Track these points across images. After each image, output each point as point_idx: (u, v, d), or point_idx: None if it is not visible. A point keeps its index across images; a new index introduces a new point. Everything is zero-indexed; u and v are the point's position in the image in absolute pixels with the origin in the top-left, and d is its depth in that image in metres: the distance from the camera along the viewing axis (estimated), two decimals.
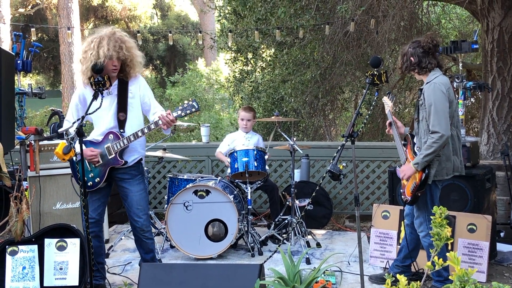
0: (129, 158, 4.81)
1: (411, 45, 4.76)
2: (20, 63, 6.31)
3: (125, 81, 4.81)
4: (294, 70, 10.36)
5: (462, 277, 2.56)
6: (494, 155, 7.44)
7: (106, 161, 4.75)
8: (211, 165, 8.00)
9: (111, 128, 4.78)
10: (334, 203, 7.58)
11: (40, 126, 6.09)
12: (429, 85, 4.58)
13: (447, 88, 4.58)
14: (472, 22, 11.91)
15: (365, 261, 5.67)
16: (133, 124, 4.81)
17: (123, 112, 4.78)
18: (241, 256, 6.17)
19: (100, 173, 4.77)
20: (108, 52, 4.55)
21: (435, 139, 4.43)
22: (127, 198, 4.88)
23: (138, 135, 4.70)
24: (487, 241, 5.17)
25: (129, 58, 4.69)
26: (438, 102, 4.48)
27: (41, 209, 6.06)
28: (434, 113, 4.47)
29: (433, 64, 4.69)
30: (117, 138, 4.74)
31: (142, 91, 4.90)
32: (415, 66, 4.71)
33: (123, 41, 4.68)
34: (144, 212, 4.90)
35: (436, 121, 4.45)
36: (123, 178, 4.85)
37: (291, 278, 3.57)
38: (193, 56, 25.04)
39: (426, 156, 4.46)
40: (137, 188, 4.88)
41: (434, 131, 4.44)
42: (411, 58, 4.71)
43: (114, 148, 4.72)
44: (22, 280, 4.65)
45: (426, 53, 4.68)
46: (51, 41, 22.95)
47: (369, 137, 11.32)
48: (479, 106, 10.59)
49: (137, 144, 4.84)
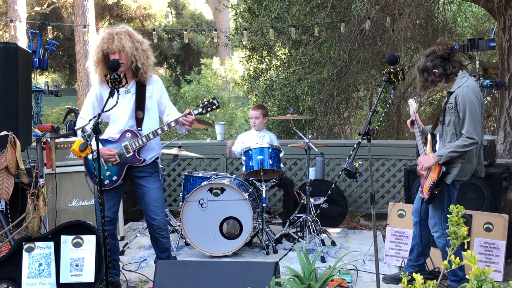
0: (147, 156, 4.83)
1: (427, 59, 4.66)
2: (36, 61, 6.35)
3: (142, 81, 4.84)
4: (310, 69, 10.33)
5: (479, 276, 2.54)
6: (511, 153, 7.37)
7: (124, 159, 4.77)
8: (225, 163, 8.01)
9: (128, 126, 4.80)
10: (349, 201, 7.56)
11: (56, 124, 6.12)
12: (462, 89, 4.50)
13: (479, 91, 4.54)
14: (489, 20, 11.81)
15: (381, 260, 5.64)
16: (150, 123, 4.83)
17: (141, 111, 4.79)
18: (256, 254, 6.17)
19: (118, 171, 4.79)
20: (111, 45, 4.61)
21: (469, 143, 4.41)
22: (144, 196, 4.90)
23: (158, 133, 4.72)
24: (503, 240, 5.13)
25: (138, 55, 4.71)
26: (473, 108, 4.44)
27: (57, 206, 6.11)
28: (470, 118, 4.43)
29: (457, 67, 4.62)
30: (135, 136, 4.76)
31: (160, 91, 4.93)
32: (442, 76, 4.64)
33: (130, 35, 4.72)
34: (161, 210, 4.92)
35: (472, 127, 4.41)
36: (140, 176, 4.86)
37: (307, 276, 3.56)
38: (207, 55, 25.04)
39: (453, 153, 4.44)
40: (155, 186, 4.90)
41: (470, 137, 4.40)
42: (435, 70, 4.62)
43: (132, 146, 4.74)
44: (39, 277, 4.68)
45: (447, 60, 4.61)
46: (66, 39, 23.07)
47: (384, 136, 11.28)
48: (495, 104, 10.50)
49: (154, 143, 4.86)
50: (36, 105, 6.32)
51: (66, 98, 16.55)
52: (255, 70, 12.41)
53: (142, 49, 4.73)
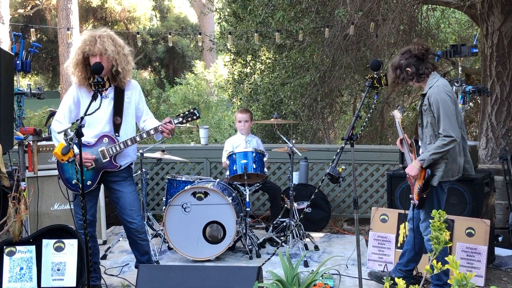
0: (122, 162, 4.81)
1: (402, 57, 4.74)
2: (19, 64, 6.30)
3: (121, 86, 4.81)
4: (293, 73, 10.36)
5: (460, 281, 2.55)
6: (493, 159, 7.44)
7: (100, 164, 4.73)
8: (209, 167, 8.00)
9: (105, 131, 4.76)
10: (333, 206, 7.57)
11: (38, 127, 6.07)
12: (433, 89, 4.57)
13: (451, 90, 4.60)
14: (471, 26, 11.92)
15: (363, 265, 5.66)
16: (127, 129, 4.81)
17: (119, 116, 4.77)
18: (239, 258, 6.16)
19: (93, 176, 4.75)
20: (91, 47, 4.57)
21: (447, 142, 4.44)
22: (119, 201, 4.87)
23: (136, 140, 4.71)
24: (485, 245, 5.17)
25: (119, 60, 4.68)
26: (446, 106, 4.49)
27: (39, 210, 6.06)
28: (444, 117, 4.47)
29: (429, 68, 4.70)
30: (112, 141, 4.72)
31: (138, 96, 4.93)
32: (414, 75, 4.70)
33: (112, 38, 4.70)
34: (137, 213, 4.90)
35: (447, 125, 4.45)
36: (114, 180, 4.84)
37: (289, 280, 3.57)
38: (192, 58, 25.02)
39: (434, 155, 4.47)
40: (129, 190, 4.87)
41: (447, 135, 4.44)
42: (408, 68, 4.69)
43: (109, 152, 4.70)
44: (20, 281, 4.64)
45: (421, 60, 4.69)
46: (50, 42, 22.93)
47: (368, 141, 11.33)
48: (477, 110, 10.61)
49: (130, 149, 4.83)
50: (19, 108, 6.26)
51: (49, 100, 16.47)
52: (239, 74, 12.43)
53: (124, 54, 4.71)
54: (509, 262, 5.78)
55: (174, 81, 21.22)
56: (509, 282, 5.39)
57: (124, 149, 4.72)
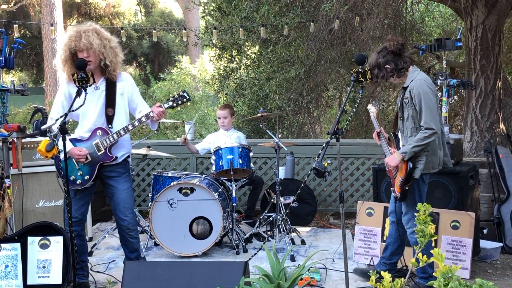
0: (118, 153, 4.80)
1: (379, 55, 4.76)
2: (2, 60, 6.25)
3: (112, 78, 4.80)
4: (278, 67, 10.36)
5: (446, 274, 2.57)
6: (477, 152, 7.48)
7: (95, 158, 4.72)
8: (195, 163, 7.98)
9: (98, 124, 4.75)
10: (319, 200, 7.59)
11: (22, 123, 6.04)
12: (415, 82, 4.60)
13: (431, 83, 4.64)
14: (456, 20, 11.98)
15: (350, 258, 5.68)
16: (121, 120, 4.80)
17: (111, 108, 4.76)
18: (226, 253, 6.16)
19: (89, 171, 4.74)
20: (79, 43, 4.57)
21: (428, 134, 4.47)
22: (113, 197, 4.87)
23: (129, 128, 4.70)
24: (470, 238, 5.20)
25: (106, 53, 4.67)
26: (428, 99, 4.52)
27: (24, 207, 6.02)
28: (426, 109, 4.50)
29: (408, 62, 4.73)
30: (105, 133, 4.72)
31: (131, 88, 4.91)
32: (393, 71, 4.72)
33: (98, 32, 4.68)
34: (130, 210, 4.90)
35: (429, 117, 4.49)
36: (110, 176, 4.83)
37: (276, 275, 3.57)
38: (177, 53, 24.92)
39: (415, 147, 4.50)
40: (124, 186, 4.87)
41: (429, 127, 4.47)
42: (387, 66, 4.71)
43: (103, 143, 4.69)
44: (5, 279, 4.61)
45: (398, 55, 4.72)
46: (34, 38, 22.74)
47: (353, 135, 11.35)
48: (462, 103, 10.64)
49: (124, 141, 4.84)
50: (2, 104, 6.21)
51: (33, 97, 16.32)
52: (225, 69, 12.41)
53: (110, 47, 4.69)
54: (494, 254, 5.82)
55: (158, 77, 21.12)
56: (494, 274, 5.43)
57: (118, 139, 4.71)
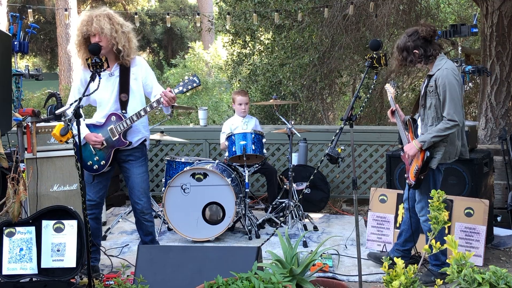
0: (133, 138, 4.82)
1: (409, 38, 4.65)
2: (17, 44, 6.27)
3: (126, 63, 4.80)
4: (292, 53, 10.32)
5: (459, 261, 2.56)
6: (492, 139, 7.44)
7: (110, 143, 4.76)
8: (208, 148, 7.99)
9: (113, 109, 4.78)
10: (332, 186, 7.58)
11: (37, 108, 6.05)
12: (442, 72, 4.52)
13: (458, 73, 4.57)
14: (471, 6, 11.87)
15: (362, 245, 5.67)
16: (135, 105, 4.80)
17: (125, 93, 4.77)
18: (239, 239, 6.18)
19: (105, 156, 4.79)
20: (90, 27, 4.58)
21: (450, 126, 4.43)
22: (128, 180, 4.92)
23: (141, 114, 4.70)
24: (484, 225, 5.18)
25: (118, 38, 4.67)
26: (454, 90, 4.46)
27: (38, 191, 6.05)
28: (450, 100, 4.45)
29: (437, 50, 4.63)
30: (119, 119, 4.74)
31: (144, 72, 4.90)
32: (422, 57, 4.64)
33: (110, 17, 4.68)
34: (145, 194, 4.93)
35: (452, 109, 4.44)
36: (126, 159, 4.87)
37: (289, 260, 3.57)
38: (190, 39, 24.88)
39: (435, 137, 4.47)
40: (140, 171, 4.90)
41: (451, 119, 4.42)
42: (415, 51, 4.62)
43: (117, 129, 4.72)
44: (20, 262, 4.65)
45: (429, 42, 4.62)
46: (48, 23, 22.79)
47: (367, 121, 11.32)
48: (477, 90, 10.58)
49: (140, 125, 4.85)
50: (17, 89, 6.24)
51: (47, 82, 16.39)
52: (238, 55, 12.37)
53: (123, 32, 4.68)
54: (508, 242, 5.80)
55: (171, 63, 21.11)
56: (507, 261, 5.41)
57: (131, 124, 4.72)
